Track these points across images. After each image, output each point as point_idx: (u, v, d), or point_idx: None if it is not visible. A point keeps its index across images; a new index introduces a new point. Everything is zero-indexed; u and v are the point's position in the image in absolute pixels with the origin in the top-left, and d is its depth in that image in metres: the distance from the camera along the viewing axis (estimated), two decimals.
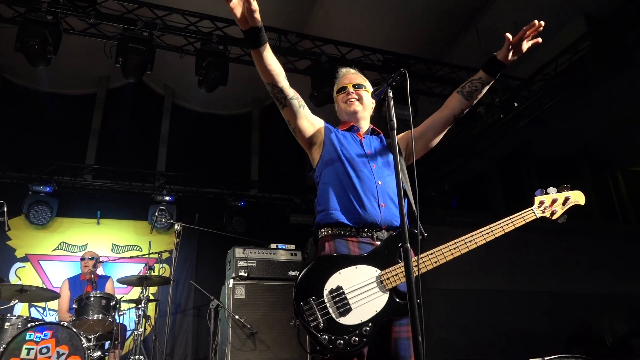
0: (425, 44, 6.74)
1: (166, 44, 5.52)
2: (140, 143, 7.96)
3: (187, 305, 6.96)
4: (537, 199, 2.21)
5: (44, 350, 3.78)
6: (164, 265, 6.44)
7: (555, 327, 8.19)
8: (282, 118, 2.28)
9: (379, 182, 2.09)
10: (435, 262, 1.96)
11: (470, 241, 2.00)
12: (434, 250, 1.98)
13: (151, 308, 6.05)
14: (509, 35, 2.15)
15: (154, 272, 5.58)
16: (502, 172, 9.88)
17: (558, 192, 2.22)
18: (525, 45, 2.20)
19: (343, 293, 1.88)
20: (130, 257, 6.75)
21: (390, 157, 2.22)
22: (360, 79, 2.37)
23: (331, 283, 1.90)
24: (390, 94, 1.98)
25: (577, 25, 5.98)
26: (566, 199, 2.21)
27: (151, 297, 5.09)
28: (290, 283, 4.93)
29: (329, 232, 2.07)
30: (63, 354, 3.82)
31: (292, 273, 5.00)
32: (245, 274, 4.83)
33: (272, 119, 8.69)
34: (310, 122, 2.24)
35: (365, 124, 2.34)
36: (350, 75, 2.39)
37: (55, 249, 6.68)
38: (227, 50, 5.42)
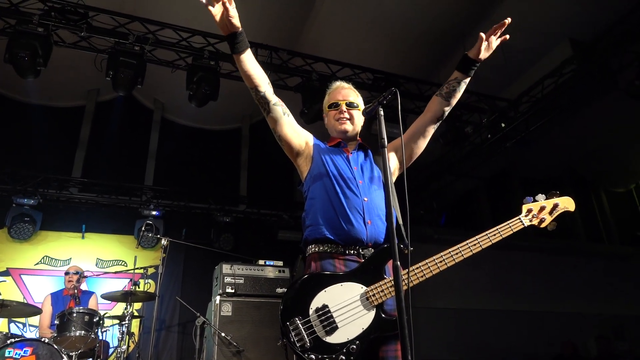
0: (415, 64, 6.85)
1: (157, 59, 5.53)
2: (128, 157, 7.89)
3: (172, 322, 6.83)
4: (525, 207, 2.16)
5: None
6: (149, 280, 6.33)
7: (541, 346, 8.22)
8: (271, 134, 2.29)
9: (365, 199, 2.10)
10: (422, 276, 1.95)
11: (456, 253, 2.00)
12: (421, 264, 1.97)
13: (135, 324, 5.92)
14: (482, 34, 2.24)
15: (139, 287, 5.48)
16: (489, 191, 10.00)
17: (547, 199, 2.19)
18: (495, 42, 2.29)
19: (329, 311, 1.88)
20: (115, 272, 6.62)
21: (377, 172, 2.23)
22: (353, 95, 2.35)
23: (317, 302, 1.90)
24: (382, 113, 2.01)
25: (562, 49, 6.14)
26: (555, 206, 2.17)
27: (135, 314, 4.99)
28: (278, 300, 4.87)
29: (316, 249, 2.07)
30: None
31: (279, 290, 4.96)
32: (232, 291, 4.77)
33: (262, 135, 8.70)
34: (295, 132, 2.22)
35: (353, 142, 2.34)
36: (344, 91, 2.35)
37: (37, 263, 6.54)
38: (218, 66, 5.45)
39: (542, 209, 2.16)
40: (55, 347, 3.87)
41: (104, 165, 7.51)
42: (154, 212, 7.05)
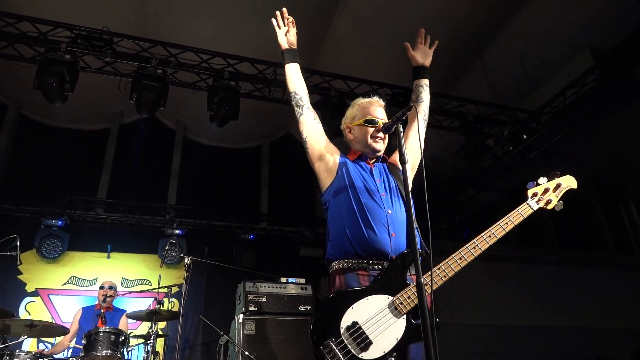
0: (433, 78, 6.83)
1: (179, 81, 5.67)
2: (151, 176, 8.05)
3: (196, 341, 6.85)
4: (530, 192, 2.21)
5: None
6: (173, 299, 6.38)
7: None
8: (290, 151, 2.36)
9: (389, 211, 2.10)
10: (445, 276, 1.94)
11: (473, 248, 2.00)
12: (441, 263, 1.96)
13: (160, 344, 5.96)
14: (407, 44, 2.79)
15: (163, 306, 5.53)
16: (512, 203, 9.77)
17: (549, 180, 2.23)
18: (427, 49, 2.86)
19: (360, 328, 1.86)
20: (140, 292, 6.71)
21: (395, 183, 2.25)
22: (385, 114, 2.39)
23: (346, 320, 1.88)
24: (401, 129, 2.02)
25: (583, 59, 6.06)
26: (558, 186, 2.21)
27: (160, 333, 5.02)
28: (301, 318, 4.87)
29: (340, 266, 2.07)
30: None
31: (302, 307, 4.94)
32: (255, 309, 4.78)
33: (281, 153, 8.79)
34: (323, 139, 2.33)
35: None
36: (381, 110, 2.38)
37: (65, 283, 6.68)
38: (238, 86, 5.54)
39: (547, 190, 2.19)
40: None
41: (129, 185, 7.68)
42: (177, 231, 7.14)
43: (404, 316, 1.87)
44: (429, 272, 1.87)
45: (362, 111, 2.37)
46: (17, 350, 4.07)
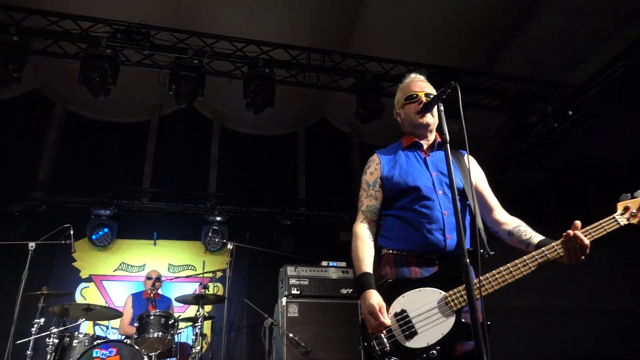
0: (470, 57, 6.65)
1: (215, 70, 5.76)
2: (192, 166, 8.26)
3: (241, 324, 7.06)
4: (620, 205, 1.94)
5: None
6: (218, 284, 6.57)
7: (625, 346, 7.66)
8: (326, 136, 2.30)
9: (445, 212, 2.01)
10: (497, 284, 1.88)
11: (541, 256, 1.89)
12: (495, 271, 1.89)
13: (207, 326, 6.19)
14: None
15: (208, 290, 5.72)
16: (557, 183, 9.47)
17: None
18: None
19: (408, 316, 1.87)
20: (186, 277, 6.95)
21: (459, 175, 2.10)
22: (429, 87, 2.21)
23: (395, 307, 1.90)
24: (442, 108, 1.98)
25: (631, 29, 5.73)
26: None
27: (206, 315, 5.20)
28: (343, 301, 4.92)
29: (392, 252, 2.05)
30: None
31: (344, 291, 4.98)
32: (298, 292, 4.86)
33: (317, 138, 8.81)
34: (378, 186, 2.18)
35: (432, 137, 2.23)
36: (421, 83, 2.22)
37: (116, 270, 7.00)
38: (273, 73, 5.57)
39: None
40: (137, 347, 4.13)
41: (170, 175, 7.90)
42: (218, 218, 7.31)
43: (454, 314, 1.85)
44: (484, 276, 1.85)
45: (403, 92, 2.25)
46: (76, 332, 4.33)
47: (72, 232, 4.65)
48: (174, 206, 7.51)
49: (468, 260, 1.64)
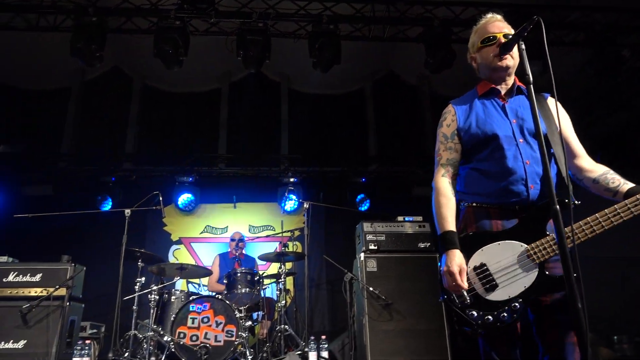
0: None
1: (280, 32, 5.76)
2: (263, 130, 8.45)
3: (320, 279, 7.32)
4: None
5: (205, 320, 4.30)
6: (296, 242, 6.84)
7: None
8: (394, 90, 2.21)
9: (527, 162, 1.90)
10: (592, 232, 1.76)
11: (635, 204, 1.75)
12: (590, 218, 1.77)
13: (289, 282, 6.49)
14: None
15: (288, 249, 5.95)
16: None
17: None
18: None
19: (487, 270, 1.85)
20: (266, 236, 7.28)
21: (542, 120, 1.93)
22: (507, 27, 2.05)
23: (474, 260, 1.88)
24: (523, 46, 1.84)
25: None
26: None
27: (288, 272, 5.44)
28: (420, 255, 4.92)
29: (473, 203, 2.00)
30: (220, 322, 4.31)
31: (421, 245, 4.97)
32: (375, 247, 4.92)
33: (385, 93, 8.60)
34: (456, 139, 2.09)
35: (510, 81, 2.07)
36: (499, 23, 2.05)
37: (202, 232, 7.48)
38: (337, 29, 5.47)
39: None
40: (227, 302, 4.44)
41: (244, 140, 8.17)
42: (292, 179, 7.49)
43: (537, 267, 1.79)
44: (576, 224, 1.74)
45: (478, 34, 2.09)
46: (173, 289, 4.73)
47: (161, 198, 5.00)
48: (249, 169, 7.78)
49: (556, 205, 1.55)
